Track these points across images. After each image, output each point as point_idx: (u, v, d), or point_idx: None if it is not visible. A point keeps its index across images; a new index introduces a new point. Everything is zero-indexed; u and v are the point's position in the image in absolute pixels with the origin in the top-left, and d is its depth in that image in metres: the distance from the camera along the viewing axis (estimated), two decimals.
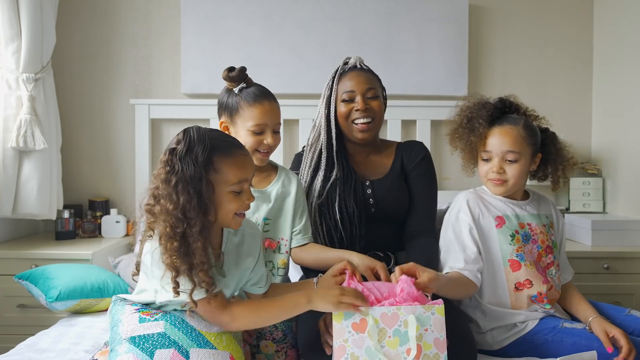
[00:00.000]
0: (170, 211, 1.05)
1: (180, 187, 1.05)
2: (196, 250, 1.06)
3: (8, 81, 2.23)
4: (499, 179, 1.49)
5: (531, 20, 2.77)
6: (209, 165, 1.09)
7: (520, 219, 1.51)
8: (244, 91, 1.43)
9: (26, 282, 1.80)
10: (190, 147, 1.08)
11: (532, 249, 1.48)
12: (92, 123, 2.71)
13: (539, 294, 1.46)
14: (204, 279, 1.08)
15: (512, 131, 1.47)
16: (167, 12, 2.70)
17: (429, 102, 2.64)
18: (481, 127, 1.50)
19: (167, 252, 1.07)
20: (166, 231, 1.06)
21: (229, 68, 1.44)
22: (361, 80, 1.61)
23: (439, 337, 1.13)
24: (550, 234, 1.53)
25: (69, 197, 2.59)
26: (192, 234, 1.06)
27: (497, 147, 1.48)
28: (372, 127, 1.62)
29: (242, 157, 1.15)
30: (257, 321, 1.19)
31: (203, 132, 1.11)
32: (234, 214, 1.15)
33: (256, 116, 1.41)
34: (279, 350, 1.39)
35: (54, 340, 1.53)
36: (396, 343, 1.12)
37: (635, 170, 2.44)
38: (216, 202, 1.11)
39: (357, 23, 2.65)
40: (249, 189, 1.18)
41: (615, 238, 2.30)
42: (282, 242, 1.52)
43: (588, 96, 2.79)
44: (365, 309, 1.14)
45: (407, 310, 1.13)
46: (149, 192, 1.11)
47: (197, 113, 2.61)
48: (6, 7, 2.17)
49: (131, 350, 1.11)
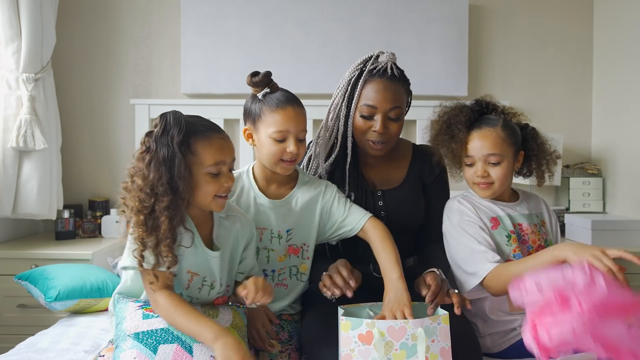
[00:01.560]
0: (140, 187, 1.10)
1: (152, 165, 1.10)
2: (161, 224, 1.10)
3: (8, 81, 2.23)
4: (484, 182, 1.46)
5: (531, 20, 2.77)
6: (186, 147, 1.13)
7: (512, 219, 1.49)
8: (268, 97, 1.36)
9: (26, 283, 1.80)
10: (166, 129, 1.12)
11: (523, 250, 1.46)
12: (92, 123, 2.71)
13: None
14: (167, 253, 1.12)
15: (491, 133, 1.44)
16: (167, 12, 2.70)
17: (429, 102, 2.61)
18: (460, 133, 1.46)
19: (135, 226, 1.12)
20: (135, 205, 1.11)
21: (252, 73, 1.37)
22: (387, 97, 1.44)
23: (445, 346, 1.13)
24: (542, 233, 1.51)
25: (69, 197, 2.59)
26: (159, 209, 1.10)
27: (478, 151, 1.45)
28: (385, 147, 1.50)
29: (219, 140, 1.19)
30: (170, 321, 1.17)
31: (179, 116, 1.15)
32: (213, 196, 1.18)
33: (278, 122, 1.33)
34: (283, 351, 1.38)
35: (54, 340, 1.53)
36: (403, 356, 1.11)
37: (635, 170, 2.44)
38: (193, 183, 1.15)
39: (357, 23, 2.65)
40: (227, 172, 1.20)
41: (615, 238, 2.29)
42: (305, 247, 1.47)
43: (588, 96, 2.79)
44: (371, 322, 1.13)
45: (416, 324, 1.13)
46: (127, 171, 1.16)
47: (197, 113, 2.56)
48: (6, 7, 2.17)
49: (135, 346, 1.13)
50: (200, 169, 1.15)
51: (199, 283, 1.24)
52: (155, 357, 1.11)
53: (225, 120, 2.61)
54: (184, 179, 1.11)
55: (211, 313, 1.23)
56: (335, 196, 1.47)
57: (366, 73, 1.46)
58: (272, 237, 1.44)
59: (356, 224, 1.43)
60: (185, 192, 1.12)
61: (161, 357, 1.12)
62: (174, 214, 1.11)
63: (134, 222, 1.13)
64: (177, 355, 1.13)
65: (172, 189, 1.10)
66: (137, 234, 1.12)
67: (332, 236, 1.48)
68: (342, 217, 1.45)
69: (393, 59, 1.49)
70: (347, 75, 1.50)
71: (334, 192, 1.48)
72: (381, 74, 1.45)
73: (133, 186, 1.12)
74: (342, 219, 1.45)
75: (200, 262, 1.22)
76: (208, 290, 1.26)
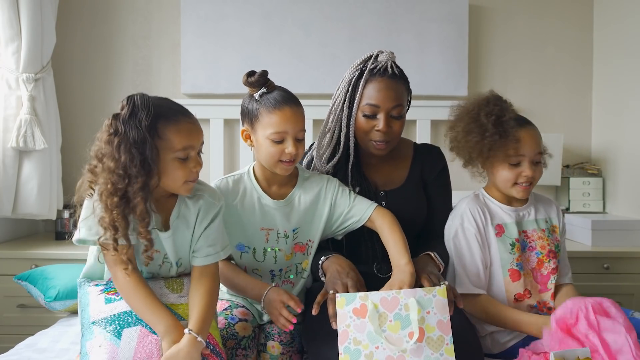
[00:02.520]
0: (112, 169, 1.09)
1: (122, 147, 1.08)
2: (137, 206, 1.09)
3: (8, 81, 2.23)
4: (528, 183, 1.42)
5: (531, 20, 2.77)
6: (153, 131, 1.11)
7: (518, 226, 1.47)
8: (265, 97, 1.34)
9: (25, 283, 1.80)
10: (133, 111, 1.10)
11: (530, 257, 1.45)
12: (92, 123, 2.69)
13: (538, 302, 1.45)
14: (145, 234, 1.11)
15: (536, 132, 1.43)
16: (167, 13, 2.70)
17: (429, 102, 2.64)
18: (513, 130, 1.39)
19: (108, 210, 1.10)
20: (107, 188, 1.09)
21: (248, 72, 1.36)
22: (389, 96, 1.43)
23: (443, 319, 1.13)
24: (552, 238, 1.48)
25: (69, 197, 2.59)
26: (132, 190, 1.09)
27: (530, 149, 1.40)
28: (389, 146, 1.49)
29: (187, 124, 1.17)
30: (126, 300, 1.17)
31: (147, 99, 1.13)
32: (183, 181, 1.17)
33: (275, 123, 1.31)
34: (284, 353, 1.37)
35: (54, 340, 1.53)
36: (397, 327, 1.12)
37: (635, 170, 2.44)
38: (161, 168, 1.14)
39: (357, 23, 2.65)
40: (196, 157, 1.19)
41: (615, 238, 2.29)
42: (310, 244, 1.47)
43: (588, 96, 2.79)
44: (364, 295, 1.14)
45: (408, 294, 1.13)
46: (91, 153, 1.15)
47: (197, 113, 2.58)
48: (6, 7, 2.17)
49: (99, 334, 1.13)
50: (169, 153, 1.14)
51: (159, 260, 1.24)
52: (120, 342, 1.12)
53: (225, 120, 2.61)
54: (155, 161, 1.10)
55: (175, 287, 1.24)
56: (339, 188, 1.47)
57: (367, 72, 1.45)
58: (279, 237, 1.43)
59: (363, 214, 1.43)
60: (155, 176, 1.12)
61: (126, 341, 1.12)
62: (147, 195, 1.10)
63: (108, 205, 1.10)
64: (142, 336, 1.13)
65: (145, 170, 1.09)
66: (109, 218, 1.10)
67: (339, 229, 1.48)
68: (348, 208, 1.44)
69: (392, 58, 1.49)
70: (347, 75, 1.49)
71: (336, 184, 1.48)
72: (382, 73, 1.45)
73: (103, 168, 1.10)
74: (348, 210, 1.44)
75: (157, 240, 1.21)
76: (168, 268, 1.26)
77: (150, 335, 1.14)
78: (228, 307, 1.43)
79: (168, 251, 1.24)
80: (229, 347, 1.31)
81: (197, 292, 1.21)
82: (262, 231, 1.41)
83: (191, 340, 1.12)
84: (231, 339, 1.33)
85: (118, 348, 1.11)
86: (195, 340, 1.12)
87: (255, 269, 1.45)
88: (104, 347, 1.11)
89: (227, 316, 1.38)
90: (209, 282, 1.24)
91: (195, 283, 1.23)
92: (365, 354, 1.11)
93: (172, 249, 1.24)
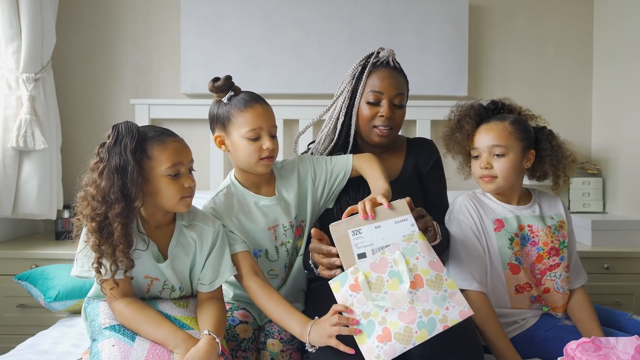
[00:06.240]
0: (93, 195, 1.13)
1: (104, 173, 1.13)
2: (114, 230, 1.12)
3: (8, 81, 2.23)
4: (488, 175, 1.47)
5: (531, 20, 2.77)
6: (142, 153, 1.16)
7: (520, 220, 1.48)
8: (233, 99, 1.36)
9: (25, 283, 1.80)
10: (118, 138, 1.14)
11: (531, 251, 1.46)
12: (92, 123, 2.71)
13: (537, 295, 1.46)
14: (122, 258, 1.14)
15: (498, 126, 1.47)
16: (167, 12, 2.70)
17: (429, 102, 2.64)
18: (468, 125, 1.50)
19: (89, 233, 1.15)
20: (88, 212, 1.14)
21: (214, 78, 1.38)
22: (392, 84, 1.51)
23: (432, 260, 1.13)
24: (557, 235, 1.48)
25: (69, 197, 2.59)
26: (111, 216, 1.12)
27: (483, 142, 1.47)
28: (392, 133, 1.55)
29: (173, 142, 1.21)
30: (133, 329, 1.19)
31: (131, 125, 1.17)
32: (179, 198, 1.20)
33: (250, 121, 1.33)
34: (285, 350, 1.38)
35: (54, 342, 1.53)
36: (396, 283, 1.11)
37: (635, 170, 2.44)
38: (153, 188, 1.18)
39: (357, 23, 2.65)
40: (187, 173, 1.23)
41: (615, 238, 2.29)
42: (303, 224, 1.48)
43: (588, 96, 2.79)
44: (354, 268, 1.14)
45: (392, 250, 1.14)
46: (81, 182, 1.19)
47: (197, 113, 2.61)
48: (6, 7, 2.17)
49: (113, 335, 1.16)
50: (158, 171, 1.18)
51: (159, 287, 1.27)
52: (134, 344, 1.14)
53: None
54: (137, 185, 1.13)
55: (182, 304, 1.26)
56: (312, 159, 1.51)
57: (370, 65, 1.53)
58: (285, 230, 1.43)
59: (345, 166, 1.48)
60: (139, 199, 1.14)
61: (139, 343, 1.15)
62: (127, 220, 1.13)
63: (88, 229, 1.15)
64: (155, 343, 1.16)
65: (124, 195, 1.12)
66: (92, 241, 1.14)
67: (329, 194, 1.50)
68: (330, 170, 1.48)
69: (393, 54, 1.56)
70: (350, 71, 1.56)
71: (308, 157, 1.52)
72: (385, 65, 1.53)
73: (87, 195, 1.15)
74: (330, 171, 1.48)
75: (155, 269, 1.25)
76: (169, 293, 1.29)
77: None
78: (229, 309, 1.43)
79: (169, 277, 1.27)
80: (230, 348, 1.32)
81: (208, 310, 1.25)
82: (269, 230, 1.41)
83: (210, 340, 1.15)
84: (232, 340, 1.34)
85: (131, 348, 1.13)
86: (213, 341, 1.15)
87: (271, 270, 1.45)
88: (118, 346, 1.13)
89: (228, 318, 1.38)
90: (218, 302, 1.29)
91: (203, 304, 1.27)
92: (378, 321, 1.10)
93: (173, 276, 1.27)
